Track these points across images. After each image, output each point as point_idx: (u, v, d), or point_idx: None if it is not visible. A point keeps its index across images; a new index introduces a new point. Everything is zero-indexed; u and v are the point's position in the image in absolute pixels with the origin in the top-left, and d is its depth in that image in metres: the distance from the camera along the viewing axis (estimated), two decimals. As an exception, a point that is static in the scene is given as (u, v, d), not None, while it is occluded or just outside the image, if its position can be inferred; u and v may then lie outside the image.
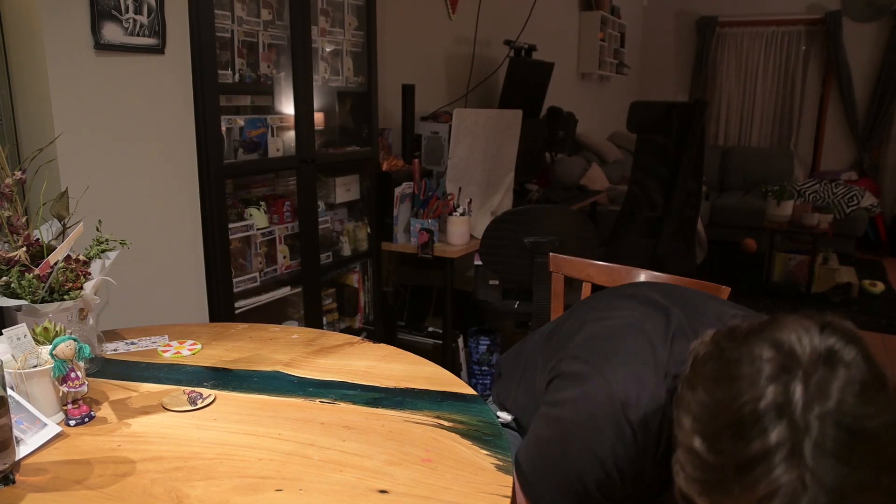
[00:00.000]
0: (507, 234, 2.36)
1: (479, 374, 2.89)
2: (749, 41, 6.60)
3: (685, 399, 0.72)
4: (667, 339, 0.87)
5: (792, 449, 0.61)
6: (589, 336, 0.95)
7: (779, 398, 0.63)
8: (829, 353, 0.64)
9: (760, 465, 0.62)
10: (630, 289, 1.06)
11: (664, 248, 3.25)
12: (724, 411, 0.66)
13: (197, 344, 1.35)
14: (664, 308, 0.93)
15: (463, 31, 3.56)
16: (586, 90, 5.62)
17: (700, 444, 0.67)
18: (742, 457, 0.63)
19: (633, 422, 0.82)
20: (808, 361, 0.64)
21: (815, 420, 0.61)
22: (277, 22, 2.06)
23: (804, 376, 0.63)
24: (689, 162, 3.19)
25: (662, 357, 0.85)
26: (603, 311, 0.99)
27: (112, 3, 1.52)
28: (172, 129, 1.73)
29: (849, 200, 5.27)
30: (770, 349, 0.66)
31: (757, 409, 0.63)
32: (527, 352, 1.18)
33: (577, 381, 0.88)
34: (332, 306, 2.47)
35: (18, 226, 1.15)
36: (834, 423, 0.61)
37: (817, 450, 0.60)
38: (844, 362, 0.63)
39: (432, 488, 0.85)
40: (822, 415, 0.61)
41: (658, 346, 0.86)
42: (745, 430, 0.63)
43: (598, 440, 0.83)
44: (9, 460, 0.85)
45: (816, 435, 0.61)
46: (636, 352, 0.87)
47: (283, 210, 2.16)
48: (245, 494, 0.84)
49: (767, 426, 0.62)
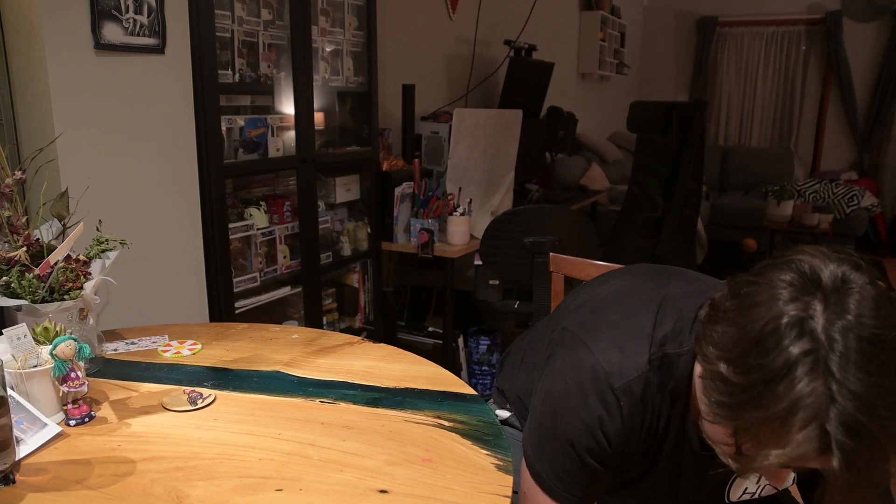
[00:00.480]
0: (508, 234, 2.36)
1: (480, 374, 2.89)
2: (749, 41, 6.59)
3: (707, 334, 0.75)
4: (651, 306, 0.90)
5: (816, 360, 0.64)
6: (579, 306, 1.01)
7: (801, 313, 0.66)
8: (843, 276, 0.68)
9: (787, 377, 0.65)
10: (627, 267, 1.11)
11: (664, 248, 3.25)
12: (747, 334, 0.69)
13: (197, 344, 1.35)
14: (656, 278, 0.97)
15: (463, 30, 3.56)
16: (586, 90, 5.62)
17: (726, 368, 0.70)
18: (767, 372, 0.66)
19: (617, 389, 0.85)
20: (827, 283, 0.68)
21: (838, 334, 0.65)
22: (278, 22, 2.06)
23: (823, 296, 0.67)
24: (689, 162, 3.19)
25: (647, 325, 0.88)
26: (595, 285, 1.05)
27: (112, 3, 1.52)
28: (172, 129, 1.73)
29: (849, 200, 5.27)
30: (789, 272, 0.70)
31: (779, 325, 0.67)
32: (527, 342, 1.21)
33: (565, 353, 0.92)
34: (333, 306, 2.47)
35: (19, 226, 1.15)
36: (856, 335, 0.64)
37: (843, 361, 0.64)
38: (857, 283, 0.67)
39: (432, 488, 0.85)
40: (844, 328, 0.65)
41: (642, 314, 0.90)
42: (768, 347, 0.66)
43: (584, 408, 0.87)
44: (9, 460, 0.85)
45: (841, 347, 0.64)
46: (620, 321, 0.91)
47: (283, 210, 2.16)
48: (245, 494, 0.84)
49: (789, 341, 0.66)
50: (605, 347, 0.88)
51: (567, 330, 0.95)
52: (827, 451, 0.64)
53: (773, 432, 0.66)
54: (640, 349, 0.86)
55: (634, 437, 0.88)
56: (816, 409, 0.64)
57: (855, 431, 0.63)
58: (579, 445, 0.87)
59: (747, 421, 0.69)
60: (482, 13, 3.63)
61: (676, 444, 0.91)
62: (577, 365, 0.89)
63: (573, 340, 0.92)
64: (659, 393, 0.87)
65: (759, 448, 0.69)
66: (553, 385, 0.92)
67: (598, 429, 0.86)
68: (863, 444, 0.63)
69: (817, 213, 4.31)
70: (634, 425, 0.87)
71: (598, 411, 0.86)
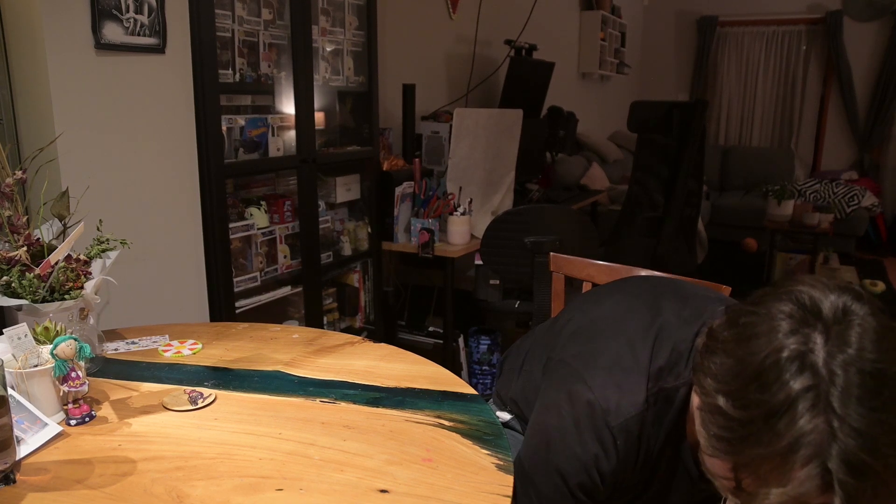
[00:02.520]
0: (508, 233, 2.36)
1: (480, 373, 2.89)
2: (749, 41, 6.59)
3: (704, 365, 0.73)
4: (648, 337, 0.88)
5: (817, 396, 0.62)
6: (575, 332, 0.98)
7: (801, 347, 0.64)
8: (844, 308, 0.66)
9: (787, 413, 0.63)
10: (621, 282, 1.08)
11: (665, 248, 3.25)
12: (746, 367, 0.67)
13: (197, 343, 1.35)
14: (650, 299, 0.95)
15: (463, 30, 3.56)
16: (587, 90, 5.62)
17: (725, 401, 0.68)
18: (767, 407, 0.64)
19: (614, 428, 0.84)
20: (827, 314, 0.66)
21: (839, 368, 0.63)
22: (278, 21, 2.06)
23: (824, 328, 0.65)
24: (689, 161, 3.19)
25: (644, 359, 0.86)
26: (591, 305, 1.02)
27: (113, 3, 1.52)
28: (173, 129, 1.73)
29: (849, 200, 5.27)
30: (789, 304, 0.68)
31: (779, 359, 0.64)
32: (527, 347, 1.20)
33: (562, 385, 0.91)
34: (333, 306, 2.47)
35: (19, 225, 1.15)
36: (857, 370, 0.62)
37: (844, 396, 0.62)
38: (859, 315, 0.65)
39: (433, 488, 0.85)
40: (845, 362, 0.63)
41: (639, 347, 0.88)
42: (769, 382, 0.64)
43: (580, 445, 0.86)
44: (9, 460, 0.85)
45: (842, 382, 0.62)
46: (617, 355, 0.89)
47: (283, 210, 2.16)
48: (246, 494, 0.84)
49: (790, 376, 0.64)
50: (602, 383, 0.86)
51: (563, 361, 0.94)
52: (829, 490, 0.62)
53: (773, 469, 0.65)
54: (637, 387, 0.85)
55: (629, 470, 0.87)
56: (818, 446, 0.62)
57: (857, 470, 0.61)
58: (571, 481, 0.87)
59: (747, 457, 0.67)
60: (483, 13, 3.63)
61: (669, 467, 0.91)
62: (573, 399, 0.88)
63: (569, 373, 0.91)
64: (655, 426, 0.86)
65: (759, 485, 0.67)
66: (548, 418, 0.91)
67: (593, 466, 0.85)
68: (866, 482, 0.61)
69: (818, 213, 4.31)
70: (629, 460, 0.86)
71: (595, 449, 0.85)
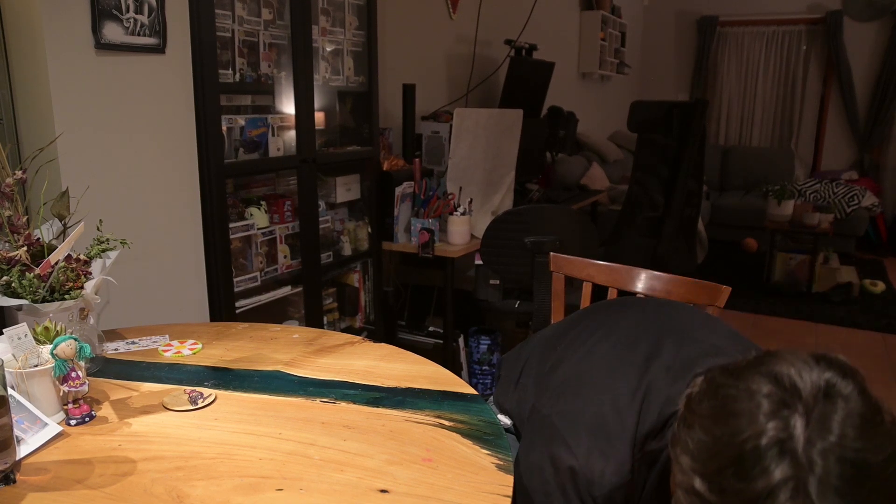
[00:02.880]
0: (508, 233, 2.36)
1: (480, 373, 2.89)
2: (750, 41, 6.59)
3: (682, 438, 0.70)
4: (636, 399, 0.87)
5: (796, 486, 0.60)
6: (563, 383, 0.96)
7: (780, 434, 0.61)
8: (827, 387, 0.62)
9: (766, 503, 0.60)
10: (620, 316, 1.05)
11: (665, 248, 3.25)
12: (723, 449, 0.64)
13: (198, 343, 1.35)
14: (646, 350, 0.92)
15: (464, 30, 3.56)
16: (587, 90, 5.62)
17: (701, 484, 0.65)
18: (746, 495, 0.61)
19: (598, 498, 0.84)
20: (808, 395, 0.62)
21: (818, 456, 0.60)
22: (278, 21, 2.06)
23: (804, 411, 0.61)
24: (689, 161, 3.19)
25: (630, 424, 0.85)
26: (577, 345, 1.00)
27: (113, 3, 1.52)
28: (173, 129, 1.73)
29: (849, 200, 5.27)
30: (768, 384, 0.64)
31: (759, 445, 0.61)
32: (525, 356, 1.19)
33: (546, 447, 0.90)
34: (333, 306, 2.47)
35: (19, 225, 1.15)
36: (837, 458, 0.59)
37: (822, 486, 0.59)
38: (843, 396, 0.62)
39: (433, 488, 0.85)
40: (824, 450, 0.60)
41: (626, 410, 0.86)
42: (747, 468, 0.61)
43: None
44: (9, 460, 0.85)
45: (821, 471, 0.59)
46: (602, 419, 0.87)
47: (283, 209, 2.16)
48: (246, 494, 0.84)
49: (770, 463, 0.60)
50: (587, 452, 0.85)
51: (548, 419, 0.92)
52: None
53: None
54: (622, 455, 0.84)
55: None
56: None
57: None
58: None
59: None
60: (483, 13, 3.63)
61: None
62: (556, 464, 0.88)
63: (553, 434, 0.90)
64: (640, 489, 0.85)
65: None
66: (531, 482, 0.91)
67: None
68: None
69: (818, 213, 4.31)
70: None
71: None
